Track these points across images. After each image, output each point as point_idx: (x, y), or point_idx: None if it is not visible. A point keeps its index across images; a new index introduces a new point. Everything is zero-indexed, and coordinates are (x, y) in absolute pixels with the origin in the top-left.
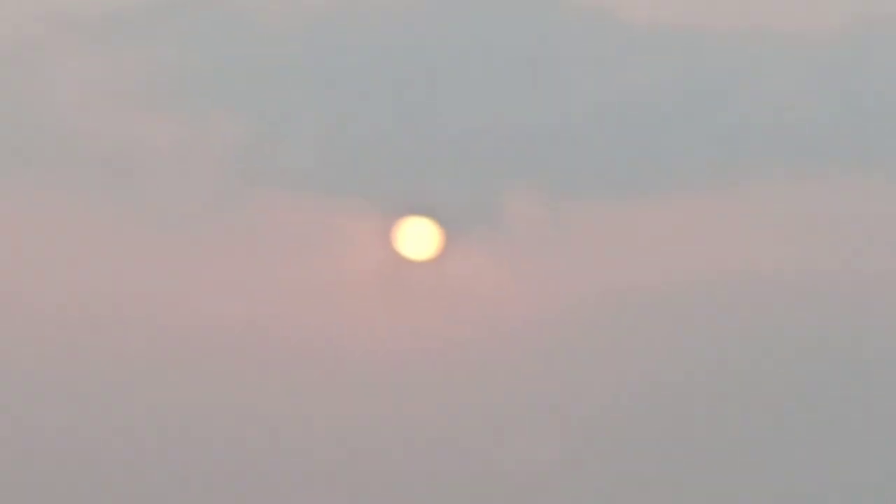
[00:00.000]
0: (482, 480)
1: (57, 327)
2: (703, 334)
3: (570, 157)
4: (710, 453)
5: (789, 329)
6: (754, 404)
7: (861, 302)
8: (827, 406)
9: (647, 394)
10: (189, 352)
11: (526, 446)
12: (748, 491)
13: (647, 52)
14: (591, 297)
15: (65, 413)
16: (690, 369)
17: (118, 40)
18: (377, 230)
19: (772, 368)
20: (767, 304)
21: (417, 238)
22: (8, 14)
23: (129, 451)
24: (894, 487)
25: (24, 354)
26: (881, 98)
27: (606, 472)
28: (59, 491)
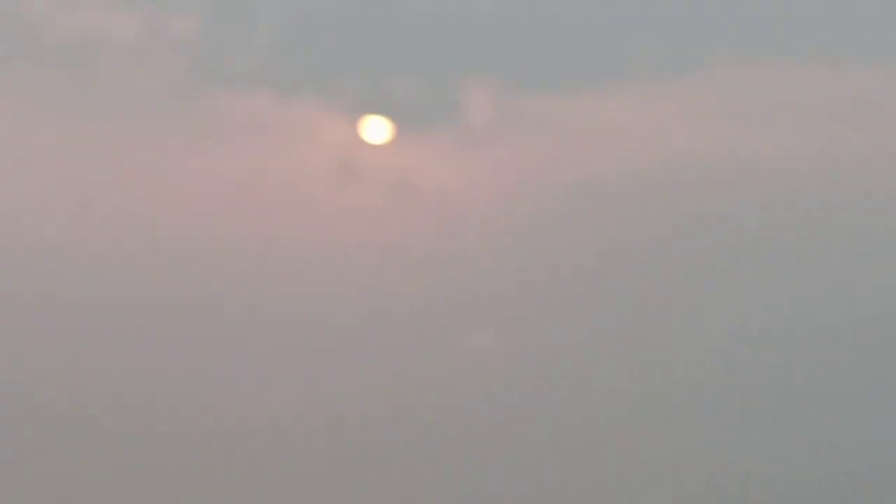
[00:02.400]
0: (434, 364)
1: (21, 217)
2: (652, 219)
3: (522, 51)
4: (656, 330)
5: (736, 212)
6: (700, 280)
7: (805, 185)
8: (767, 280)
9: (595, 272)
10: (150, 239)
11: (468, 328)
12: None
13: None
14: (547, 190)
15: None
16: (639, 250)
17: None
18: (334, 126)
19: (717, 248)
20: (715, 190)
21: (374, 133)
22: None
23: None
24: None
25: None
26: None
27: (553, 352)
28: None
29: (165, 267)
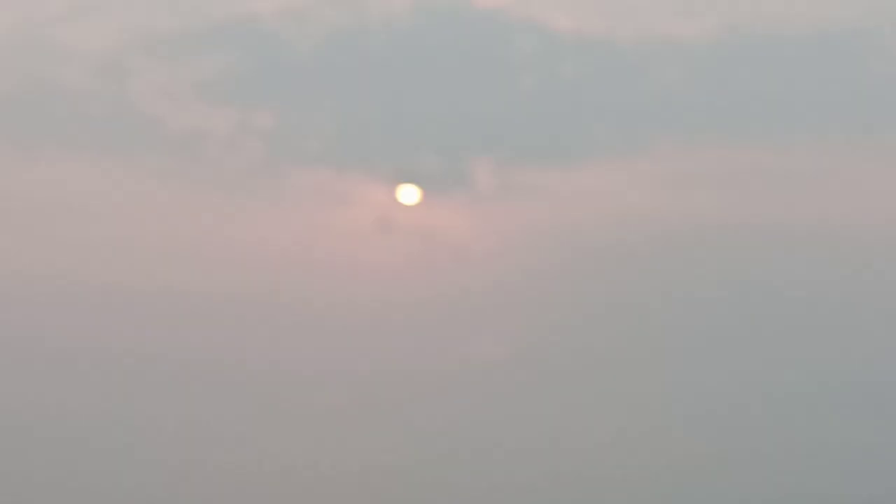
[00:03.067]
0: (447, 374)
1: (141, 262)
2: (619, 265)
3: (517, 136)
4: (628, 361)
5: (681, 264)
6: (645, 302)
7: (737, 242)
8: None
9: (582, 310)
10: (239, 280)
11: (481, 344)
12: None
13: (568, 53)
14: (536, 239)
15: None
16: (612, 290)
17: (183, 51)
18: (377, 192)
19: (663, 281)
20: (664, 244)
21: (407, 197)
22: (103, 30)
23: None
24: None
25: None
26: (742, 89)
27: (554, 371)
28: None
29: (250, 297)
